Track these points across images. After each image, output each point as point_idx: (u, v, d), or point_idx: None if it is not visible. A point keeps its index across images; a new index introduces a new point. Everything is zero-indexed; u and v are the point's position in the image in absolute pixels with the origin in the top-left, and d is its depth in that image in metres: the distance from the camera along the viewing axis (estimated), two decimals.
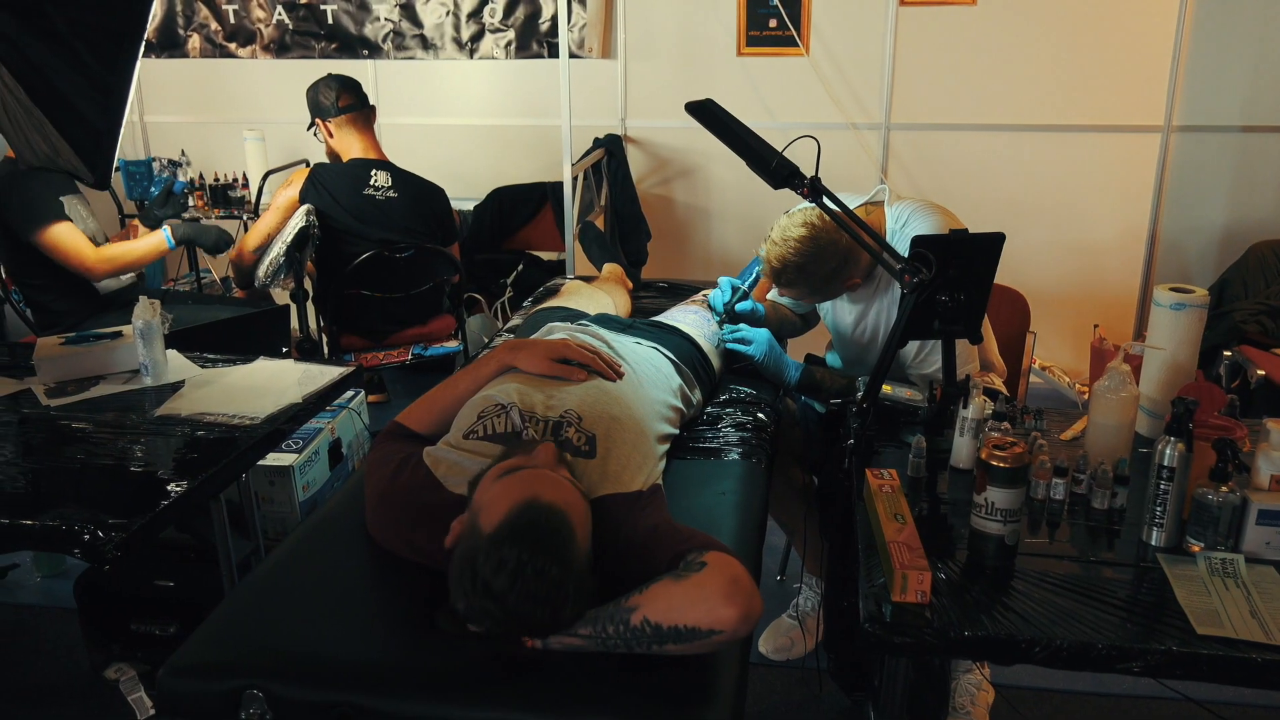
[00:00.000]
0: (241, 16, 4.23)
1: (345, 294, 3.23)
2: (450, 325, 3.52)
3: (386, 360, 3.35)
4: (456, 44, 4.17)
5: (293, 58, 4.30)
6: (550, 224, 4.23)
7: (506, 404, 1.53)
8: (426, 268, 3.33)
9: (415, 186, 3.29)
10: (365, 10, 4.16)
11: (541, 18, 4.10)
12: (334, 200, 3.16)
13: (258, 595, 1.40)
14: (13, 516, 1.59)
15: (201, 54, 4.31)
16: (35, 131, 2.41)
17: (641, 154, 4.29)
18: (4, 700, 2.31)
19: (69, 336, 2.23)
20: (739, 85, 4.06)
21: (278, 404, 2.00)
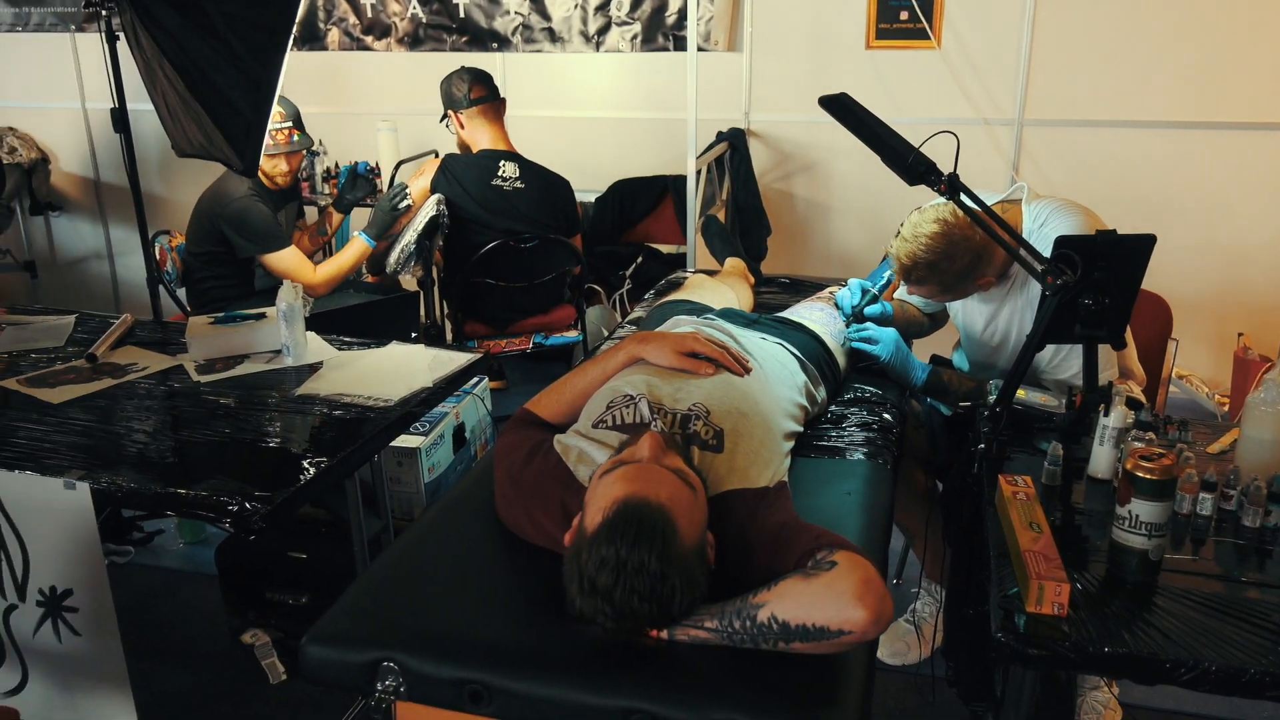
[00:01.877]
0: (378, 10, 4.37)
1: (471, 282, 3.31)
2: (570, 315, 3.57)
3: (508, 348, 3.42)
4: (583, 37, 4.21)
5: (425, 51, 4.41)
6: (670, 217, 4.24)
7: (635, 395, 1.55)
8: (550, 258, 3.38)
9: (542, 178, 3.35)
10: (495, 4, 4.24)
11: (668, 11, 4.10)
12: (463, 190, 3.24)
13: (393, 571, 1.45)
14: (168, 485, 1.69)
15: (340, 47, 4.47)
16: (192, 122, 2.53)
17: (764, 148, 4.26)
18: (149, 657, 2.45)
19: (218, 316, 2.35)
20: (866, 79, 3.99)
21: (409, 387, 2.07)
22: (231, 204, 3.01)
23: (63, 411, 1.99)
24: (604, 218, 4.21)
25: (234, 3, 2.39)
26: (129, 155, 2.67)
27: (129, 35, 2.49)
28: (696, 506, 1.30)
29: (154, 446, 1.86)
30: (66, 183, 5.06)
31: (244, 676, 2.41)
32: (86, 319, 2.58)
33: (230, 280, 3.16)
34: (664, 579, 1.20)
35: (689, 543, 1.24)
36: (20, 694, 1.89)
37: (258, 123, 2.47)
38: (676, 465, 1.33)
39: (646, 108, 4.32)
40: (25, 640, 1.84)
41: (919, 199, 2.10)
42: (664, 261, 4.09)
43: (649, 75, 4.28)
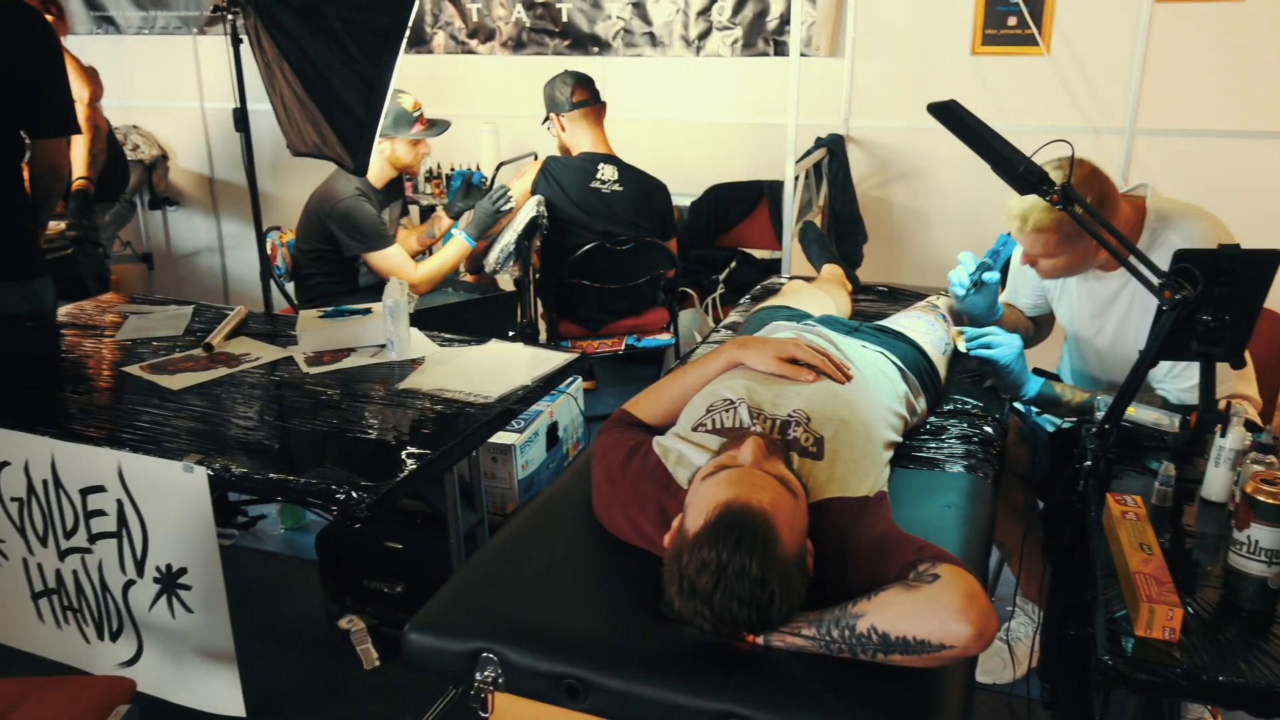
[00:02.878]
0: (484, 15, 4.45)
1: (566, 283, 3.35)
2: (663, 318, 3.59)
3: (601, 349, 3.46)
4: (684, 42, 4.23)
5: (527, 54, 4.48)
6: (765, 222, 4.23)
7: (735, 400, 1.55)
8: (645, 261, 3.40)
9: (639, 181, 3.38)
10: (598, 8, 4.29)
11: (769, 16, 4.09)
12: (562, 192, 3.28)
13: (493, 564, 1.48)
14: (278, 472, 1.75)
15: (445, 50, 4.57)
16: (307, 122, 2.62)
17: (863, 154, 4.21)
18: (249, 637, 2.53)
19: (326, 311, 2.43)
20: (971, 85, 3.91)
21: (509, 385, 2.10)
22: (339, 203, 3.11)
23: (181, 398, 2.08)
24: (699, 221, 4.22)
25: (352, 7, 2.46)
26: (248, 154, 2.78)
27: (252, 38, 2.59)
28: (798, 513, 1.29)
29: (264, 434, 1.93)
30: (183, 179, 5.28)
31: (339, 660, 2.48)
32: (203, 310, 2.69)
33: (336, 277, 3.26)
34: (764, 585, 1.20)
35: (790, 549, 1.24)
36: (135, 665, 1.98)
37: (369, 123, 2.55)
38: (779, 471, 1.33)
39: (745, 112, 4.31)
40: (141, 614, 1.93)
41: None
42: (758, 267, 4.08)
43: (748, 80, 4.27)
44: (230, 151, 5.14)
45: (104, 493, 1.87)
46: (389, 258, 3.17)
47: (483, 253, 3.38)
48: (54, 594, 2.03)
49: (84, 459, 1.87)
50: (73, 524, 1.93)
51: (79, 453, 1.87)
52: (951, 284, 2.17)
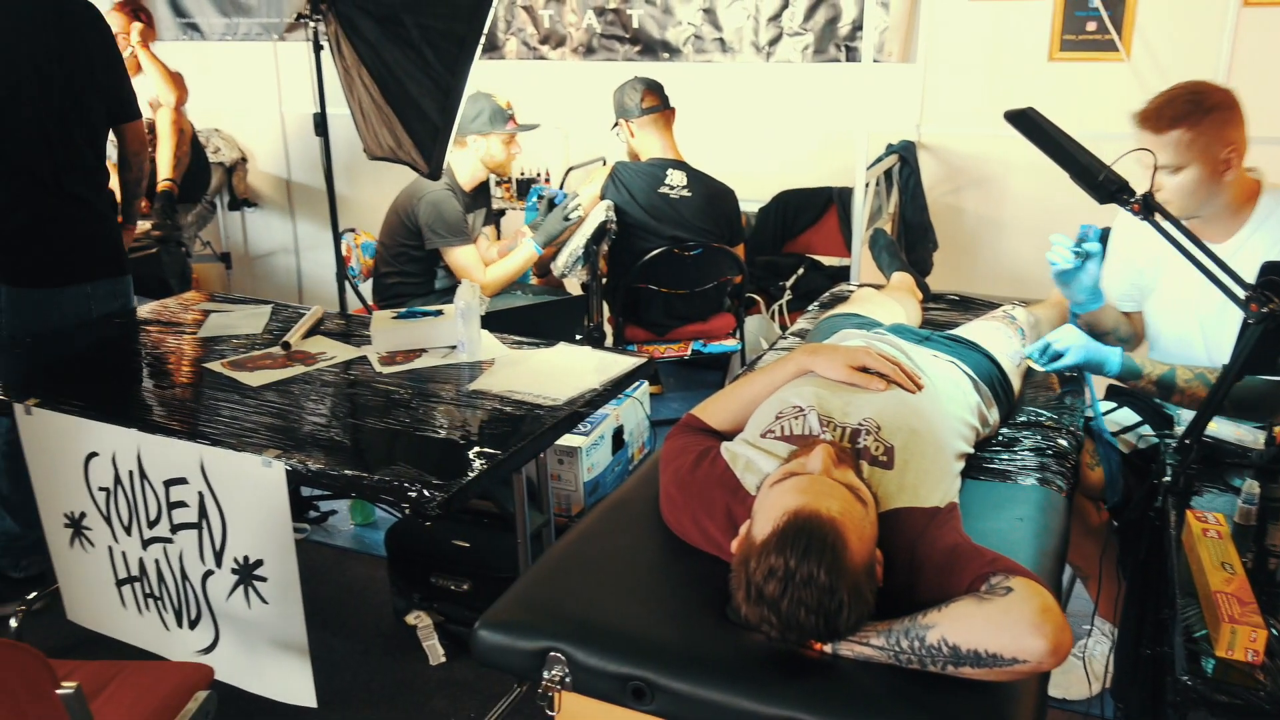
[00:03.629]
0: (555, 21, 4.50)
1: (634, 287, 3.37)
2: (730, 324, 3.59)
3: (667, 354, 3.46)
4: (754, 47, 4.22)
5: (597, 60, 4.52)
6: (834, 229, 4.20)
7: (805, 407, 1.55)
8: (712, 266, 3.41)
9: (708, 186, 3.38)
10: (669, 14, 4.30)
11: (841, 21, 4.07)
12: (631, 197, 3.30)
13: (562, 565, 1.49)
14: (353, 469, 1.79)
15: (516, 56, 4.63)
16: (384, 126, 2.68)
17: (934, 161, 4.16)
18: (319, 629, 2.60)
19: (400, 312, 2.48)
20: (1047, 92, 3.84)
21: (577, 388, 2.12)
22: (431, 192, 3.18)
23: (260, 394, 2.14)
24: (766, 228, 4.21)
25: (430, 14, 2.51)
26: (326, 157, 2.85)
27: (332, 45, 2.66)
28: (867, 522, 1.29)
29: (339, 431, 1.98)
30: (261, 181, 5.42)
31: (405, 656, 2.52)
32: (280, 309, 2.76)
33: (415, 278, 3.32)
34: (832, 593, 1.19)
35: (858, 558, 1.23)
36: (211, 653, 2.04)
37: (445, 128, 2.59)
38: (848, 479, 1.32)
39: (814, 118, 4.29)
40: (219, 604, 1.99)
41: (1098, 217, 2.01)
42: (826, 274, 4.06)
43: (818, 86, 4.25)
44: (307, 154, 5.27)
45: (186, 485, 1.93)
46: (464, 256, 3.23)
47: (550, 258, 3.42)
48: (136, 581, 2.10)
49: (168, 451, 1.93)
50: (156, 514, 2.00)
51: (163, 445, 1.94)
52: (1053, 266, 2.05)
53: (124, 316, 2.68)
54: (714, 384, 4.14)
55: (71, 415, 2.05)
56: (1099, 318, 2.16)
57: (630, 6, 4.35)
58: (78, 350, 2.47)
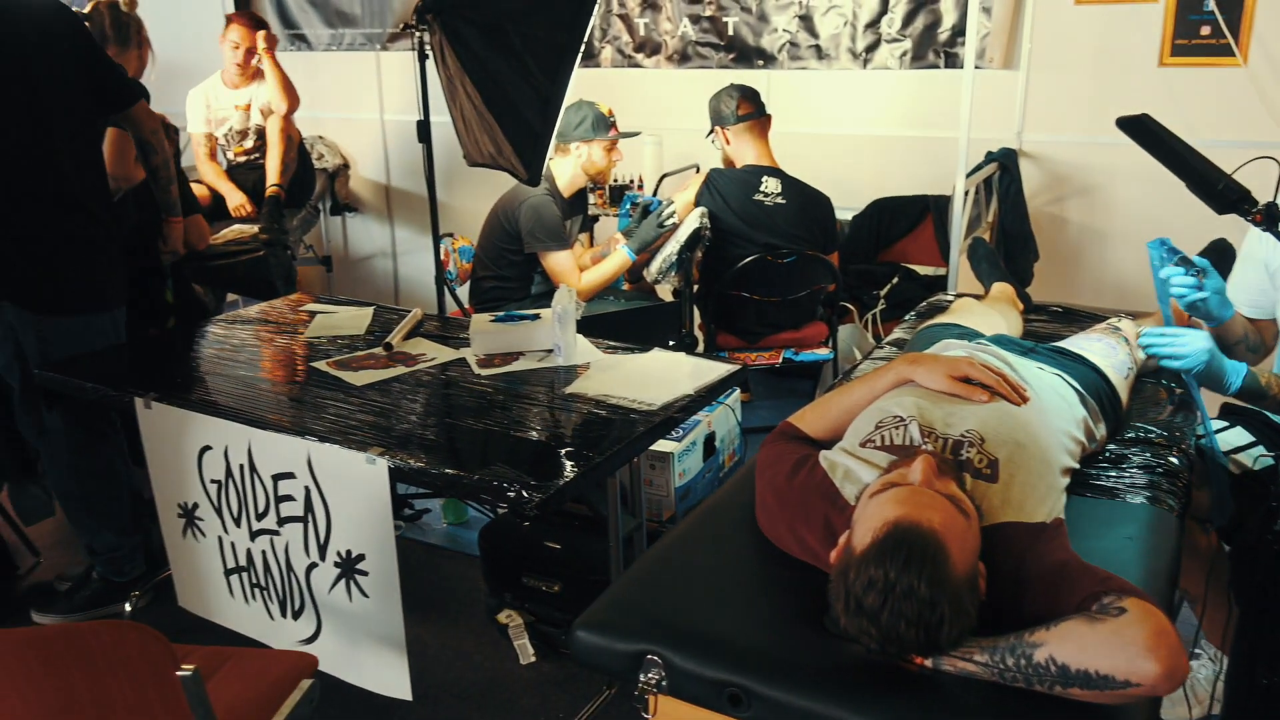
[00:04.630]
0: (651, 29, 4.53)
1: (726, 294, 3.37)
2: (822, 332, 3.56)
3: (758, 361, 3.45)
4: (851, 54, 4.18)
5: (691, 68, 4.53)
6: (929, 238, 4.13)
7: (906, 417, 1.53)
8: (806, 274, 3.39)
9: (803, 194, 3.36)
10: (764, 21, 4.29)
11: (941, 27, 4.01)
12: (725, 204, 3.31)
13: (659, 569, 1.50)
14: (453, 468, 1.83)
15: (612, 64, 4.67)
16: (484, 133, 2.73)
17: (1036, 169, 4.06)
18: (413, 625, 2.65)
19: (498, 315, 2.52)
20: (1158, 98, 3.72)
21: (671, 394, 2.13)
22: (532, 197, 3.24)
23: (363, 393, 2.20)
24: (860, 236, 4.17)
25: (532, 23, 2.56)
26: (428, 164, 2.91)
27: (436, 54, 2.72)
28: (970, 534, 1.27)
29: (439, 431, 2.02)
30: (362, 186, 5.58)
31: (496, 654, 2.56)
32: (382, 311, 2.83)
33: (512, 282, 3.38)
34: (933, 606, 1.18)
35: (960, 571, 1.21)
36: (313, 643, 2.10)
37: (544, 135, 2.63)
38: (950, 490, 1.30)
39: (911, 126, 4.23)
40: (321, 596, 2.05)
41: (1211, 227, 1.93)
42: (921, 283, 3.99)
43: (916, 93, 4.19)
44: (406, 161, 5.40)
45: (293, 479, 2.00)
46: (560, 261, 3.27)
47: (644, 264, 3.44)
48: (244, 571, 2.18)
49: (277, 447, 2.00)
50: (264, 507, 2.07)
51: (273, 441, 2.01)
52: (1181, 299, 1.87)
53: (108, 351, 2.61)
54: (804, 393, 4.11)
55: (187, 410, 2.13)
56: (1229, 327, 2.06)
57: (726, 14, 4.36)
58: (191, 348, 2.57)
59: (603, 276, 3.37)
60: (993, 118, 4.00)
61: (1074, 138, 3.95)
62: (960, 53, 3.97)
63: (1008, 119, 4.03)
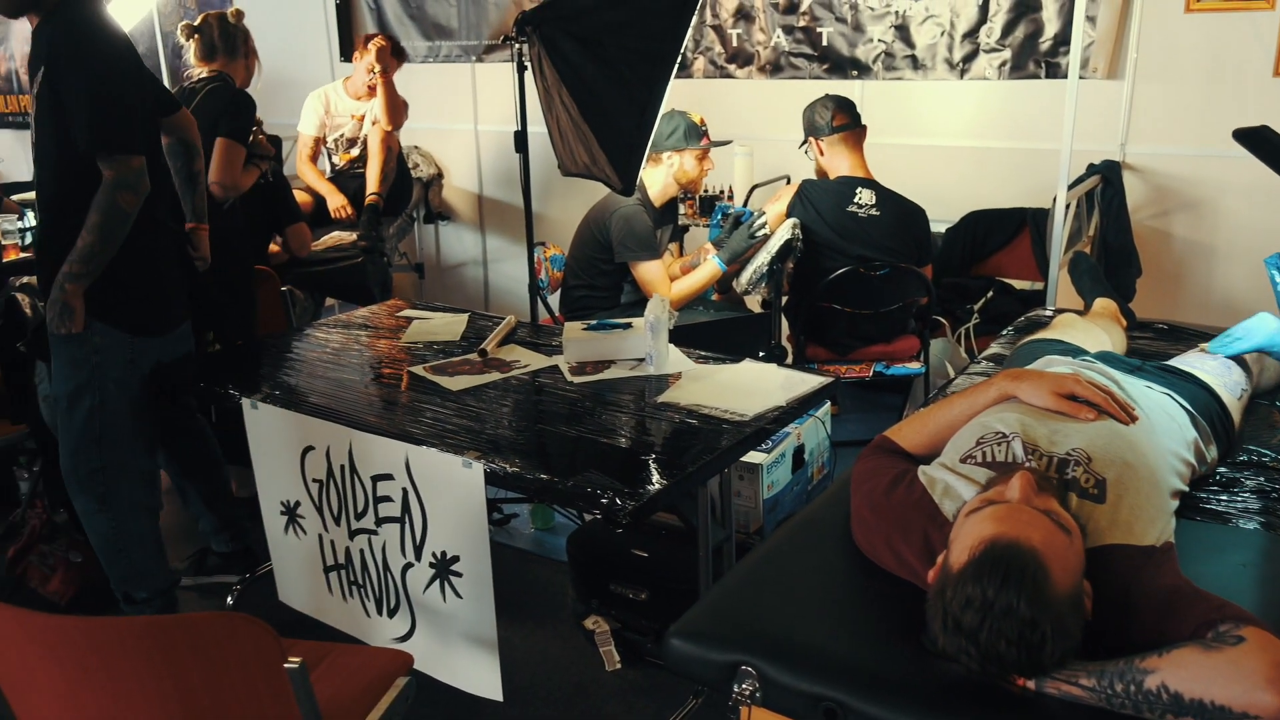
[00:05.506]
0: (743, 40, 4.53)
1: (817, 306, 3.35)
2: (914, 346, 3.51)
3: (849, 374, 3.42)
4: (947, 64, 4.12)
5: (783, 78, 4.51)
6: (1026, 251, 4.04)
7: (1009, 433, 1.50)
8: (899, 287, 3.34)
9: (898, 206, 3.32)
10: (859, 31, 4.26)
11: (1042, 37, 3.92)
12: (818, 215, 3.28)
13: (753, 580, 1.50)
14: (547, 474, 1.85)
15: (704, 75, 4.68)
16: (580, 143, 2.77)
17: (1140, 182, 3.94)
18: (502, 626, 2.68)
19: (590, 324, 2.54)
20: (1272, 109, 3.58)
21: (763, 405, 2.12)
22: (623, 207, 3.28)
23: (459, 398, 2.24)
24: (954, 248, 4.10)
25: (630, 35, 2.58)
26: (525, 174, 2.96)
27: (534, 66, 2.77)
28: (1071, 552, 1.24)
29: (532, 436, 2.05)
30: (455, 195, 5.69)
31: (582, 660, 2.58)
32: (476, 317, 2.89)
33: (602, 291, 3.41)
34: (1033, 625, 1.15)
35: (1062, 590, 1.18)
36: (407, 641, 2.15)
37: (640, 145, 2.66)
38: (1050, 507, 1.28)
39: (1009, 137, 4.15)
40: (416, 595, 2.10)
41: None
42: (1017, 298, 3.90)
43: (1014, 104, 4.11)
44: (499, 170, 5.49)
45: (392, 481, 2.05)
46: (651, 270, 3.30)
47: (734, 274, 3.44)
48: (342, 569, 2.24)
49: (377, 449, 2.05)
50: (363, 507, 2.13)
51: (373, 443, 2.06)
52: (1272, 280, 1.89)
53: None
54: (894, 407, 4.05)
55: (291, 411, 2.21)
56: None
57: (820, 24, 4.33)
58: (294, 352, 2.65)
59: (692, 286, 3.38)
60: (1095, 129, 3.90)
61: (1181, 150, 3.82)
62: (1062, 63, 3.87)
63: (1111, 130, 3.92)
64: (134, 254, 2.37)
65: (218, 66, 3.28)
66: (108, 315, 2.36)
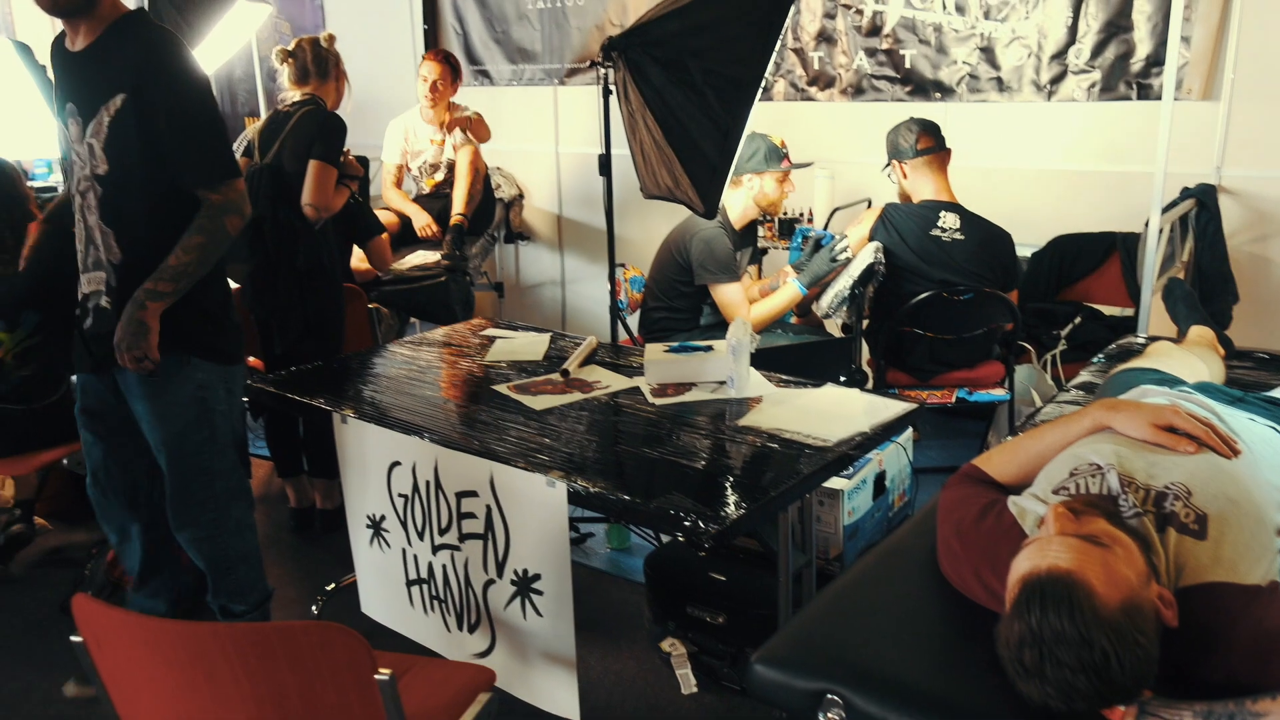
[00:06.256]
0: (825, 62, 4.52)
1: (899, 330, 3.31)
2: (998, 372, 3.44)
3: (930, 400, 3.37)
4: (1034, 86, 4.05)
5: (865, 100, 4.49)
6: (1115, 277, 3.94)
7: (1104, 465, 1.46)
8: (983, 312, 3.29)
9: (983, 230, 3.28)
10: (943, 54, 4.22)
11: (1134, 57, 3.84)
12: (901, 239, 3.26)
13: (839, 608, 1.49)
14: (629, 494, 1.86)
15: (785, 98, 4.68)
16: (663, 167, 2.79)
17: (1237, 206, 3.82)
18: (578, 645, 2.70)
19: (671, 346, 2.56)
20: None
21: (847, 430, 2.11)
22: (704, 230, 3.30)
23: (542, 417, 2.27)
24: (1039, 273, 4.01)
25: (714, 59, 2.60)
26: (608, 197, 2.99)
27: (619, 90, 2.80)
28: (1116, 561, 1.22)
29: (614, 457, 2.06)
30: (535, 216, 5.77)
31: (658, 682, 2.58)
32: (558, 337, 2.92)
33: (681, 313, 3.43)
34: (1088, 644, 1.14)
35: (1111, 602, 1.17)
36: (487, 657, 2.17)
37: (722, 169, 2.67)
38: (1092, 529, 1.27)
39: (1098, 160, 4.06)
40: (497, 612, 2.12)
41: None
42: (1106, 324, 3.81)
43: (1104, 126, 4.02)
44: (578, 192, 5.56)
45: (476, 498, 2.08)
46: (731, 293, 3.30)
47: (813, 297, 3.42)
48: (425, 583, 2.28)
49: (462, 466, 2.09)
50: (447, 522, 2.17)
51: (459, 460, 2.10)
52: None
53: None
54: (975, 434, 3.97)
55: (380, 427, 2.26)
56: None
57: (903, 47, 4.30)
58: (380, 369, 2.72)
59: (772, 310, 3.37)
60: (1189, 152, 3.79)
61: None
62: (1155, 84, 3.79)
63: (1206, 153, 3.81)
64: (216, 285, 2.39)
65: (310, 89, 3.39)
66: (206, 350, 2.36)
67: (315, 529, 3.55)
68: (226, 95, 6.45)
